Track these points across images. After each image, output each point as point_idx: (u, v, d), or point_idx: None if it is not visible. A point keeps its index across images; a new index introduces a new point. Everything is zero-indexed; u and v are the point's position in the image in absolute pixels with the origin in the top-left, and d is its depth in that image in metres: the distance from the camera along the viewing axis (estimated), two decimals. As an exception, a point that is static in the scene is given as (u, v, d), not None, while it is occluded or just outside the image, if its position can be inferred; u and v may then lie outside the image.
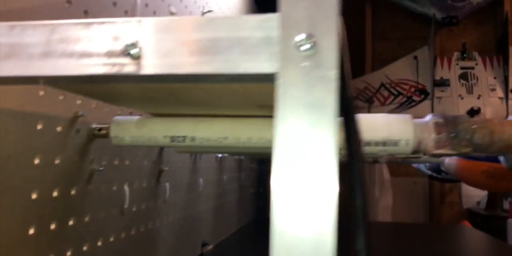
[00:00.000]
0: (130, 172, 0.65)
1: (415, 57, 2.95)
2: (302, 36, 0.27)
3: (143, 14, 0.68)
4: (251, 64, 0.28)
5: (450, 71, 2.89)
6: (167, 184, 0.78)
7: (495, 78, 2.82)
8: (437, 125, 0.49)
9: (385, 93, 2.94)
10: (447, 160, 0.88)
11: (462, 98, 2.81)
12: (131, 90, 0.40)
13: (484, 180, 0.84)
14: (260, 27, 0.28)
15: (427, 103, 2.87)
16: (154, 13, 0.72)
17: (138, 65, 0.29)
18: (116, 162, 0.61)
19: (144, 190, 0.70)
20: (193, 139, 0.52)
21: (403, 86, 2.93)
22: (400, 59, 2.97)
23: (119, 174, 0.62)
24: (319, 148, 0.26)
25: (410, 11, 3.00)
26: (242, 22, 0.28)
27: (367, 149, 0.49)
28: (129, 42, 0.29)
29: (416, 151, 0.50)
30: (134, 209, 0.66)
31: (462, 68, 2.88)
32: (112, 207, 0.60)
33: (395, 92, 2.93)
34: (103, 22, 0.30)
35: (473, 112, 2.73)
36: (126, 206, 0.63)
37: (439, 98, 2.85)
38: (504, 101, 2.78)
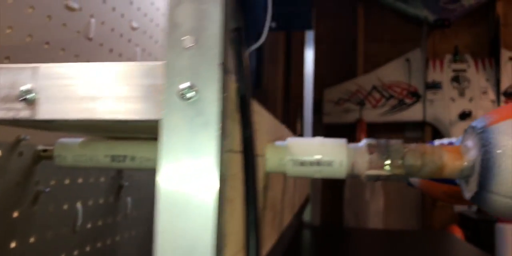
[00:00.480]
0: (83, 190, 0.66)
1: (407, 60, 2.95)
2: (186, 84, 0.27)
3: (98, 32, 0.69)
4: (137, 111, 0.28)
5: (442, 74, 2.88)
6: (129, 199, 0.78)
7: (487, 80, 2.82)
8: (369, 147, 0.50)
9: (377, 95, 2.94)
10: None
11: (453, 101, 2.81)
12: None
13: (446, 199, 0.84)
14: (147, 75, 0.28)
15: (419, 105, 2.87)
16: (112, 30, 0.73)
17: (33, 110, 0.30)
18: (67, 181, 0.62)
19: (101, 206, 0.70)
20: (133, 158, 0.53)
21: (395, 88, 2.93)
22: (392, 61, 2.97)
23: (70, 193, 0.62)
24: (202, 190, 0.27)
25: (402, 13, 3.00)
26: (130, 69, 0.29)
27: (302, 170, 0.50)
28: (24, 88, 0.30)
29: (352, 173, 0.51)
30: (89, 226, 0.67)
31: (454, 70, 2.87)
32: (62, 226, 0.61)
33: (387, 95, 2.93)
34: (0, 68, 0.30)
35: (465, 115, 2.73)
36: (79, 224, 0.64)
37: (431, 101, 2.85)
38: (495, 104, 2.78)
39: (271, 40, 2.71)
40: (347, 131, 2.95)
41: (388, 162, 0.49)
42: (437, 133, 2.88)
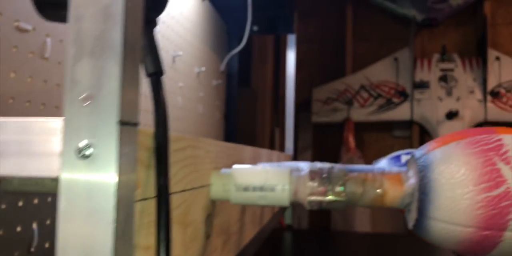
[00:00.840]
0: (40, 210, 0.66)
1: (396, 59, 2.95)
2: (84, 142, 0.27)
3: (56, 51, 0.68)
4: (37, 168, 0.28)
5: (430, 73, 2.88)
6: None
7: (474, 80, 2.83)
8: (311, 173, 0.50)
9: (365, 95, 2.94)
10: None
11: (441, 100, 2.81)
12: None
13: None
14: (46, 131, 0.28)
15: (406, 105, 2.88)
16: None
17: None
18: (20, 204, 0.62)
19: (60, 225, 0.70)
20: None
21: (383, 88, 2.93)
22: (380, 60, 2.97)
23: (24, 215, 0.62)
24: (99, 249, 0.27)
25: (391, 13, 2.99)
26: (29, 126, 0.29)
27: (245, 195, 0.50)
28: None
29: (295, 199, 0.51)
30: (47, 245, 0.67)
31: (441, 70, 2.87)
32: (15, 249, 0.61)
33: (375, 94, 2.93)
34: None
35: (452, 115, 2.73)
36: (34, 244, 0.64)
37: (419, 100, 2.86)
38: (482, 103, 2.78)
39: (260, 40, 2.71)
40: (336, 131, 2.96)
41: (329, 188, 0.49)
42: (425, 132, 2.89)
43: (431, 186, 0.45)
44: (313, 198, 0.49)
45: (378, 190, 0.49)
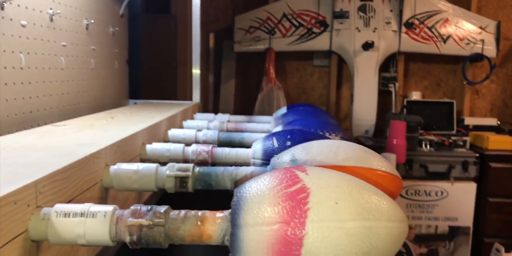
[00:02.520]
0: None
1: (318, -13, 2.92)
2: None
3: None
4: None
5: (350, 3, 2.90)
6: None
7: (391, 11, 2.88)
8: (138, 204, 0.54)
9: (287, 24, 2.94)
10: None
11: (359, 31, 2.87)
12: None
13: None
14: None
15: (326, 35, 2.92)
16: None
17: None
18: None
19: None
20: None
21: (304, 17, 2.93)
22: (302, -12, 2.93)
23: None
24: None
25: None
26: None
27: (65, 223, 0.51)
28: None
29: (116, 228, 0.52)
30: None
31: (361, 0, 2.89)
32: None
33: (296, 24, 2.93)
34: None
35: (368, 46, 2.81)
36: None
37: (338, 30, 2.90)
38: (397, 34, 2.87)
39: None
40: (258, 60, 2.98)
41: (150, 213, 0.52)
42: (344, 62, 2.99)
43: (242, 196, 0.50)
44: (133, 221, 0.51)
45: (198, 216, 0.52)
